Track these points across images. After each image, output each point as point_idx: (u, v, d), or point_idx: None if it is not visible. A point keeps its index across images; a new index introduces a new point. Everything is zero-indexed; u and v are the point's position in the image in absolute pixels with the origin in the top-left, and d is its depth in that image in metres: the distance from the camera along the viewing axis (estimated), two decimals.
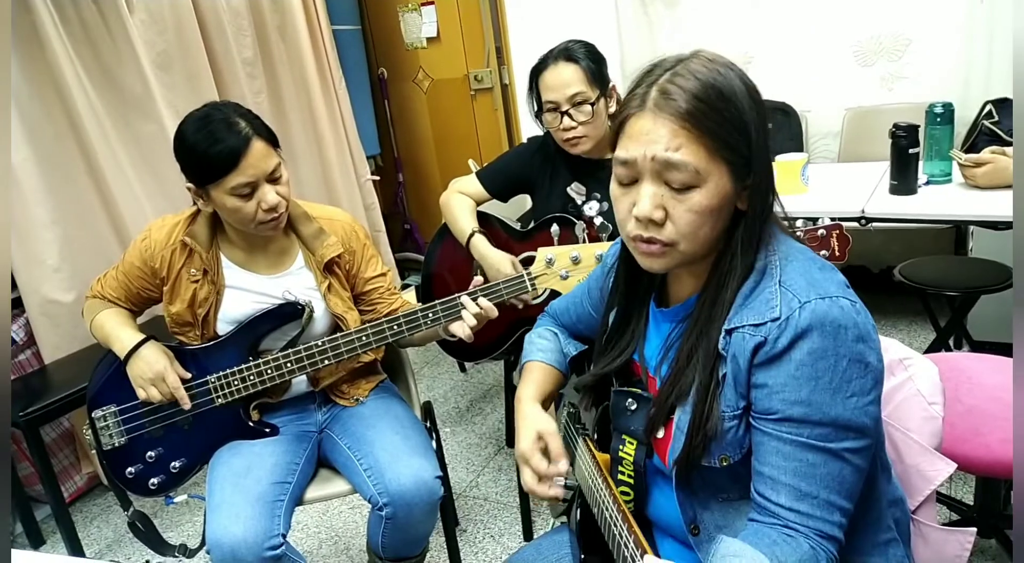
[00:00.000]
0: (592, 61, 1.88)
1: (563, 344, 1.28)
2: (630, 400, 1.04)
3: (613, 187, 0.94)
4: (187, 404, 1.57)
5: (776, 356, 0.84)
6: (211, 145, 1.43)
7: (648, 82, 0.89)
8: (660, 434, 0.98)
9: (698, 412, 0.90)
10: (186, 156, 1.48)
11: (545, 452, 1.09)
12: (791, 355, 0.83)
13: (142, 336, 1.59)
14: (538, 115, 1.97)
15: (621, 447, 1.05)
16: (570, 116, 1.88)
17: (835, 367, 0.82)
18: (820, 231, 1.31)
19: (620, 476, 1.06)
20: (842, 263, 1.33)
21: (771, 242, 0.92)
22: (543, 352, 1.25)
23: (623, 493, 1.07)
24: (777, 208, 0.95)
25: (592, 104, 1.86)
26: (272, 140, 1.52)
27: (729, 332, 0.89)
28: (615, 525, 0.96)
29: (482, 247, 1.97)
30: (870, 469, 0.90)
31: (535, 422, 1.12)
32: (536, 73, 1.94)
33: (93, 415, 1.62)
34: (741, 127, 0.87)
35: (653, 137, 0.86)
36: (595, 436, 1.18)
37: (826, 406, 0.83)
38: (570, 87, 1.85)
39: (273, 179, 1.50)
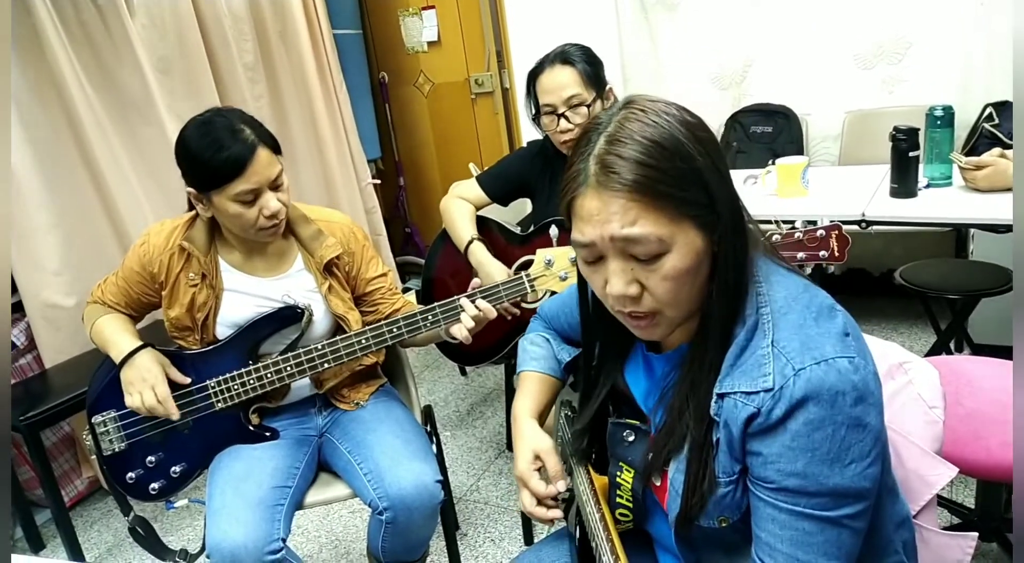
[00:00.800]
0: (588, 63, 1.89)
1: (556, 350, 1.26)
2: (628, 431, 1.00)
3: (580, 265, 0.90)
4: (175, 415, 1.56)
5: (770, 427, 0.80)
6: (216, 152, 1.43)
7: (584, 153, 0.83)
8: (657, 483, 0.96)
9: (693, 473, 0.88)
10: (190, 162, 1.48)
11: (543, 471, 1.07)
12: (786, 426, 0.79)
13: (139, 343, 1.59)
14: (535, 118, 1.97)
15: (619, 473, 1.02)
16: (567, 118, 1.88)
17: (833, 437, 0.78)
18: (819, 232, 1.30)
19: (618, 499, 1.04)
20: (843, 265, 1.33)
21: (758, 278, 0.87)
22: (536, 361, 1.24)
23: (622, 515, 1.05)
24: (751, 227, 0.89)
25: (588, 105, 1.86)
26: (275, 147, 1.52)
27: (721, 396, 0.85)
28: (605, 556, 0.96)
29: (480, 255, 1.97)
30: (877, 489, 0.86)
31: (532, 442, 1.10)
32: (533, 77, 1.94)
33: (93, 421, 1.61)
34: (694, 177, 0.81)
35: (605, 217, 0.81)
36: (593, 456, 1.15)
37: (823, 477, 0.79)
38: (566, 89, 1.86)
39: (275, 186, 1.51)
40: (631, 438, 1.00)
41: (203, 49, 3.02)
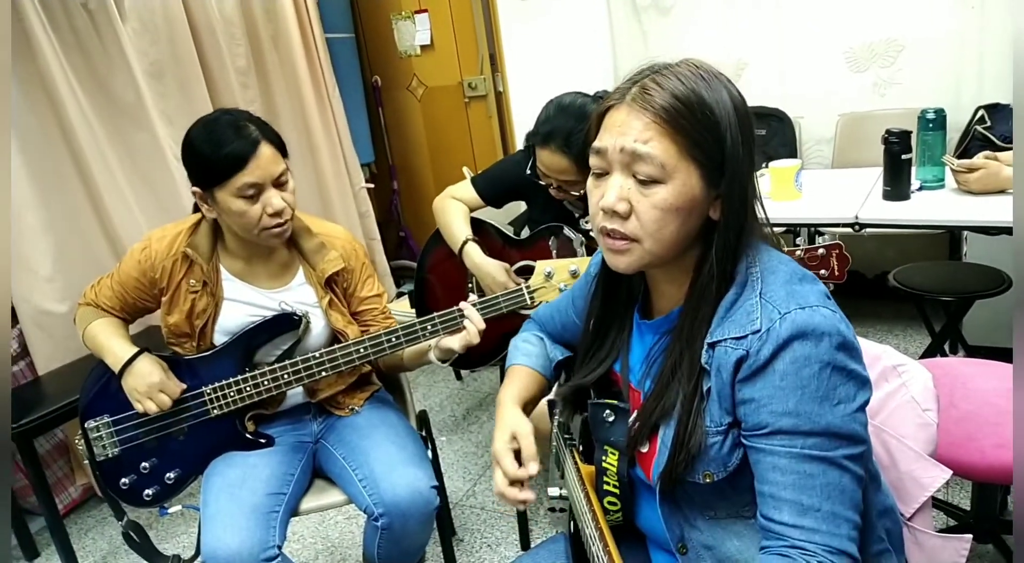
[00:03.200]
0: (583, 151, 1.84)
1: (548, 349, 1.27)
2: (607, 411, 1.03)
3: (589, 180, 0.95)
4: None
5: (759, 368, 0.84)
6: (220, 146, 1.45)
7: (633, 80, 0.91)
8: (644, 449, 0.98)
9: (682, 427, 0.90)
10: (194, 158, 1.49)
11: (519, 454, 1.08)
12: (774, 366, 0.84)
13: (135, 349, 1.58)
14: (533, 167, 1.95)
15: (604, 458, 1.04)
16: (561, 189, 1.90)
17: (819, 374, 0.82)
18: (820, 250, 1.31)
19: (606, 487, 1.05)
20: (841, 280, 1.33)
21: (752, 253, 0.92)
22: (528, 356, 1.24)
23: (610, 504, 1.06)
24: (761, 215, 0.95)
25: (584, 184, 1.86)
26: (280, 147, 1.53)
27: (712, 346, 0.89)
28: (594, 544, 0.97)
29: (475, 256, 1.97)
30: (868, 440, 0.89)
31: (511, 423, 1.11)
32: (531, 137, 1.91)
33: (86, 426, 1.61)
34: (715, 132, 0.87)
35: (625, 129, 0.88)
36: (581, 447, 1.17)
37: (815, 415, 0.82)
38: (561, 174, 1.86)
39: (279, 184, 1.51)
40: (611, 418, 1.03)
41: (195, 54, 3.02)
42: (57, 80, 2.49)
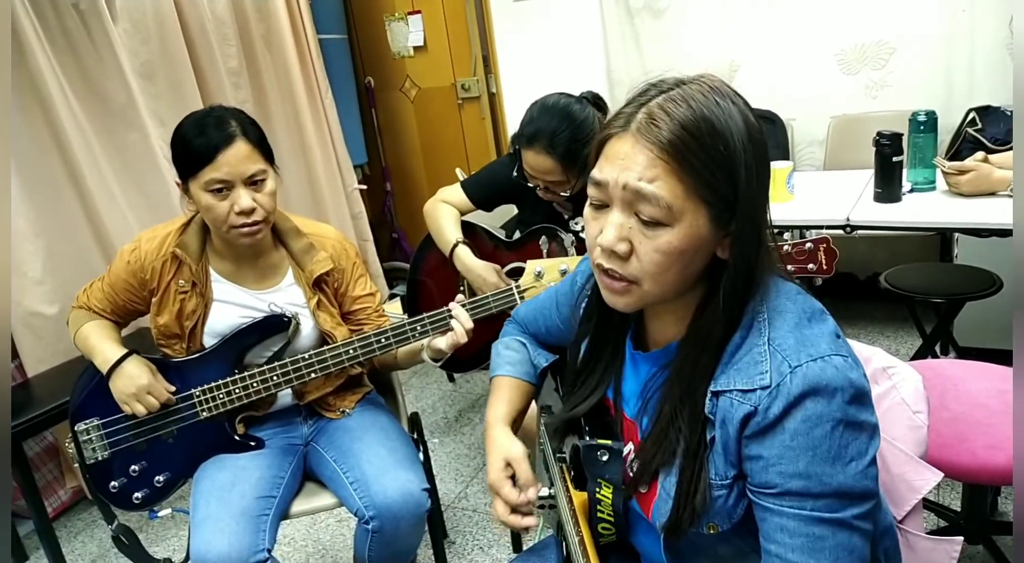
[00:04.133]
0: (569, 149, 1.79)
1: (532, 355, 1.25)
2: (601, 452, 0.98)
3: (586, 209, 0.88)
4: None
5: (769, 426, 0.79)
6: (196, 136, 1.46)
7: (639, 102, 0.83)
8: (644, 490, 0.94)
9: (685, 480, 0.86)
10: (175, 146, 1.50)
11: (515, 479, 1.06)
12: (784, 425, 0.78)
13: (124, 351, 1.57)
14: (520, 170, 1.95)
15: (598, 490, 1.00)
16: (549, 190, 1.90)
17: (832, 433, 0.77)
18: (808, 245, 1.31)
19: (599, 515, 1.02)
20: (829, 273, 1.34)
21: (759, 292, 0.85)
22: (512, 365, 1.22)
23: (604, 529, 1.03)
24: (770, 243, 0.88)
25: (569, 184, 1.86)
26: (262, 147, 1.52)
27: (716, 394, 0.84)
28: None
29: (466, 259, 1.96)
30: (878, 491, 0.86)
31: (502, 449, 1.09)
32: (518, 139, 1.91)
33: (76, 429, 1.60)
34: (728, 168, 0.80)
35: (629, 163, 0.80)
36: (572, 473, 1.12)
37: (826, 476, 0.78)
38: (547, 175, 1.86)
39: (252, 183, 1.49)
40: (604, 458, 0.98)
41: (186, 54, 3.00)
42: (47, 81, 2.47)
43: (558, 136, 1.78)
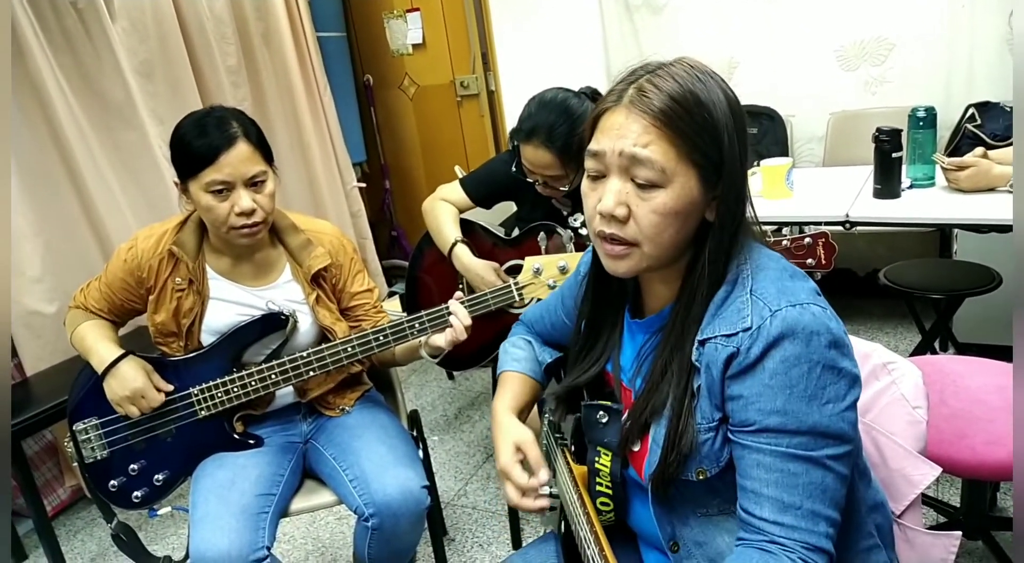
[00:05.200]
0: (567, 142, 1.79)
1: (537, 352, 1.27)
2: (600, 413, 1.03)
3: (584, 183, 0.94)
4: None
5: (749, 366, 0.84)
6: (196, 137, 1.45)
7: (628, 80, 0.90)
8: (636, 448, 0.97)
9: (673, 426, 0.90)
10: (175, 147, 1.50)
11: (525, 463, 1.08)
12: (764, 364, 0.83)
13: (120, 351, 1.57)
14: (519, 165, 1.95)
15: (596, 459, 1.04)
16: (547, 185, 1.90)
17: (809, 374, 0.82)
18: (807, 240, 1.31)
19: (598, 487, 1.05)
20: (828, 268, 1.34)
21: (743, 251, 0.92)
22: (517, 362, 1.24)
23: (603, 504, 1.06)
24: (750, 214, 0.95)
25: (569, 179, 1.86)
26: (263, 148, 1.52)
27: (702, 343, 0.89)
28: (589, 548, 0.96)
29: (464, 258, 1.96)
30: (856, 438, 0.89)
31: (512, 433, 1.10)
32: (515, 134, 1.91)
33: (74, 428, 1.60)
34: (714, 133, 0.87)
35: (623, 132, 0.86)
36: (572, 447, 1.17)
37: (803, 414, 0.82)
38: (546, 169, 1.86)
39: (253, 184, 1.49)
40: (604, 419, 1.03)
41: (185, 53, 3.00)
42: (46, 79, 2.47)
43: (556, 130, 1.79)
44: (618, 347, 1.06)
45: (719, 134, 0.87)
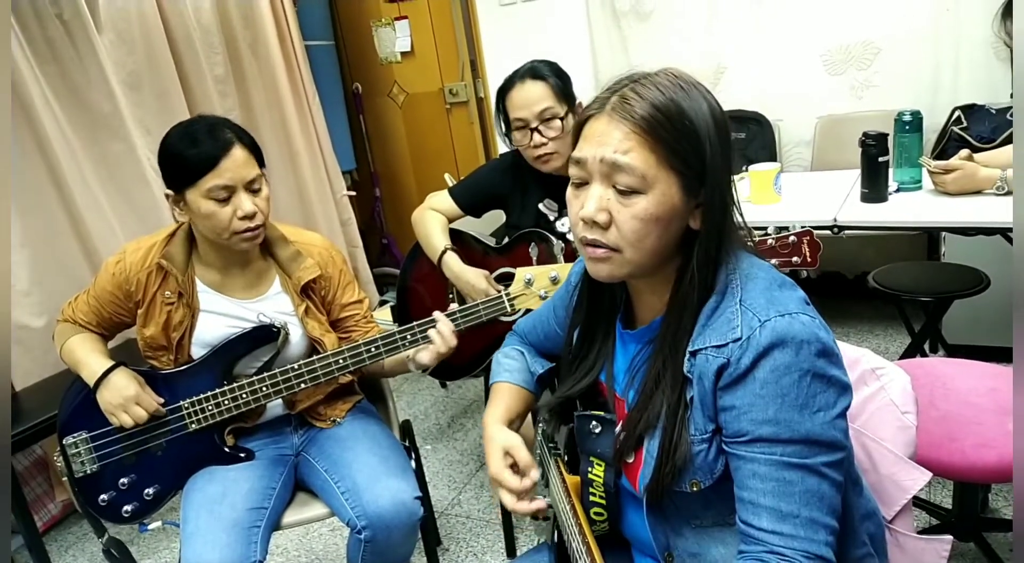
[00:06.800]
0: (558, 77, 1.89)
1: (530, 363, 1.27)
2: (594, 423, 1.03)
3: (568, 190, 0.95)
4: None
5: (740, 376, 0.85)
6: (192, 146, 1.45)
7: (612, 89, 0.91)
8: (630, 460, 0.97)
9: (667, 438, 0.90)
10: (167, 159, 1.49)
11: (516, 468, 1.07)
12: (754, 374, 0.84)
13: (111, 363, 1.56)
14: (507, 134, 1.97)
15: (590, 469, 1.04)
16: (539, 132, 1.88)
17: (799, 383, 0.83)
18: (791, 238, 1.31)
19: (592, 497, 1.05)
20: (816, 270, 1.34)
21: (731, 260, 0.92)
22: (509, 372, 1.24)
23: (597, 514, 1.06)
24: (739, 221, 0.95)
25: (561, 119, 1.86)
26: (256, 152, 1.52)
27: (693, 354, 0.89)
28: (581, 559, 0.96)
29: (454, 266, 1.96)
30: (849, 446, 0.90)
31: (499, 440, 1.10)
32: (503, 93, 1.94)
33: (64, 442, 1.59)
34: (695, 141, 0.87)
35: (605, 139, 0.87)
36: (566, 457, 1.17)
37: (795, 423, 0.83)
38: (538, 103, 1.86)
39: (252, 189, 1.50)
40: (597, 430, 1.03)
41: (172, 63, 2.99)
42: (32, 91, 2.46)
43: (540, 68, 1.88)
44: (610, 357, 1.06)
45: (700, 143, 0.87)
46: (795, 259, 1.32)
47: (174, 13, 3.00)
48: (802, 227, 1.33)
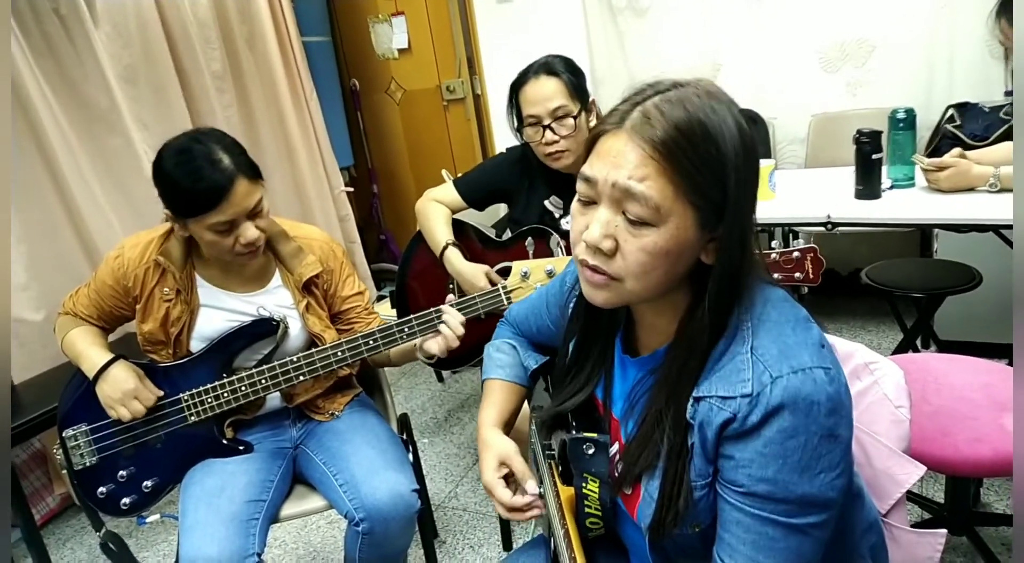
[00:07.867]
0: (572, 74, 1.89)
1: (523, 357, 1.26)
2: (587, 445, 0.99)
3: (574, 203, 0.88)
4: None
5: (745, 433, 0.80)
6: (193, 183, 1.41)
7: (634, 101, 0.83)
8: (628, 491, 0.95)
9: (668, 483, 0.87)
10: (166, 188, 1.46)
11: (511, 476, 1.07)
12: (761, 432, 0.79)
13: (111, 356, 1.57)
14: (519, 129, 1.97)
15: (584, 485, 1.01)
16: (552, 130, 1.88)
17: (805, 445, 0.78)
18: (795, 254, 1.31)
19: (587, 509, 1.03)
20: (815, 283, 1.35)
21: (745, 299, 0.85)
22: (502, 368, 1.23)
23: (592, 524, 1.04)
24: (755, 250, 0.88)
25: (574, 117, 1.87)
26: (255, 174, 1.49)
27: (697, 400, 0.84)
28: (563, 555, 0.96)
29: (456, 261, 1.97)
30: (842, 500, 0.86)
31: (494, 448, 1.09)
32: (516, 87, 1.93)
33: (64, 434, 1.59)
34: (719, 172, 0.80)
35: (620, 161, 0.80)
36: (560, 468, 1.13)
37: (793, 484, 0.79)
38: (552, 101, 1.86)
39: (253, 214, 1.49)
40: (591, 451, 0.99)
41: (169, 57, 2.99)
42: (28, 86, 2.46)
43: (555, 63, 1.88)
44: (609, 377, 1.02)
45: (725, 172, 0.80)
46: (797, 275, 1.32)
47: (170, 7, 3.00)
48: (805, 237, 1.33)
